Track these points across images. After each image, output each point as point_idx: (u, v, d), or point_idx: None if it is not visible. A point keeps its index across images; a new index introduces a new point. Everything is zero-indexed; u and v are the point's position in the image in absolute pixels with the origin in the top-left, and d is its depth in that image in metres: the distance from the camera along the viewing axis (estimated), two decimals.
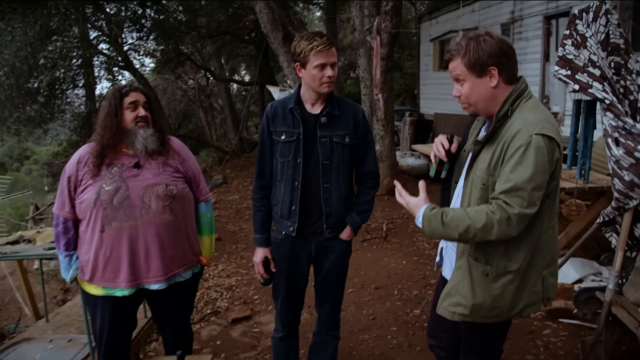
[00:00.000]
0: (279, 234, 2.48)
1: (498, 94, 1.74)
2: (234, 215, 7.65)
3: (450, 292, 1.85)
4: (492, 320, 1.82)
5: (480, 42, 1.70)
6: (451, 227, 1.67)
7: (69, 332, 3.76)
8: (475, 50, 1.70)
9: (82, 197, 2.27)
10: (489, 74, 1.71)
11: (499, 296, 1.75)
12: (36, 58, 10.33)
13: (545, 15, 7.45)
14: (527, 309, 1.79)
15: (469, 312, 1.79)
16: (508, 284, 1.74)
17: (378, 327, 3.71)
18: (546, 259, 1.78)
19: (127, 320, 2.50)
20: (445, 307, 1.87)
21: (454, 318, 1.85)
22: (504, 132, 1.70)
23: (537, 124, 1.64)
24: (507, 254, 1.73)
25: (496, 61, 1.69)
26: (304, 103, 2.37)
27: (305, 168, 2.35)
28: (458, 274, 1.83)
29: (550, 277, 1.81)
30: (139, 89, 2.39)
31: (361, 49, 7.17)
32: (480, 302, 1.76)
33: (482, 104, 1.77)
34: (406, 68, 18.24)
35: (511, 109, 1.72)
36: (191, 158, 2.55)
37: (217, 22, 15.06)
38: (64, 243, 2.37)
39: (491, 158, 1.71)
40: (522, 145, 1.61)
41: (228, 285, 4.79)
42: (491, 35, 1.72)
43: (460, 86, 1.78)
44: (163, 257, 2.33)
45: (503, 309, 1.78)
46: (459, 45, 1.76)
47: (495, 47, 1.69)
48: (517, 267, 1.73)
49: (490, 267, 1.75)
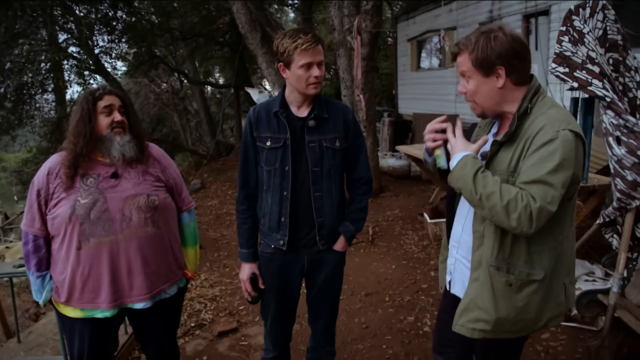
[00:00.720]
0: (268, 248, 2.31)
1: (505, 95, 1.64)
2: (214, 221, 7.44)
3: (467, 306, 1.71)
4: (515, 335, 1.69)
5: (490, 39, 1.59)
6: (479, 183, 1.54)
7: (43, 353, 3.53)
8: (484, 48, 1.59)
9: (55, 212, 2.07)
10: (496, 73, 1.61)
11: (524, 308, 1.62)
12: (2, 62, 9.92)
13: (524, 14, 7.46)
14: (552, 321, 1.68)
15: (491, 327, 1.66)
16: (533, 294, 1.62)
17: (372, 336, 3.58)
18: (567, 267, 1.67)
19: (108, 342, 2.31)
20: (463, 324, 1.72)
21: (473, 335, 1.70)
22: (525, 131, 1.59)
23: (563, 120, 1.54)
24: (530, 260, 1.60)
25: (505, 61, 1.59)
26: (290, 106, 2.20)
27: (294, 176, 2.18)
28: (475, 287, 1.69)
29: (570, 286, 1.70)
30: (114, 92, 2.20)
31: (341, 49, 7.05)
32: (503, 316, 1.63)
33: (488, 104, 1.67)
34: (382, 68, 18.20)
35: (530, 106, 1.61)
36: (172, 166, 2.38)
37: (190, 24, 14.76)
38: (35, 263, 2.16)
39: (511, 158, 1.60)
40: (549, 140, 1.50)
41: (212, 295, 4.59)
42: (504, 32, 1.61)
43: (466, 82, 1.68)
44: (147, 273, 2.15)
45: (528, 322, 1.65)
46: (468, 39, 1.65)
47: (506, 46, 1.58)
48: (542, 276, 1.61)
49: (513, 276, 1.62)
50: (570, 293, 1.70)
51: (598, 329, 3.16)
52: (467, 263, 1.78)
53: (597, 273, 3.91)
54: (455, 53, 1.69)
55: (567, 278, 1.69)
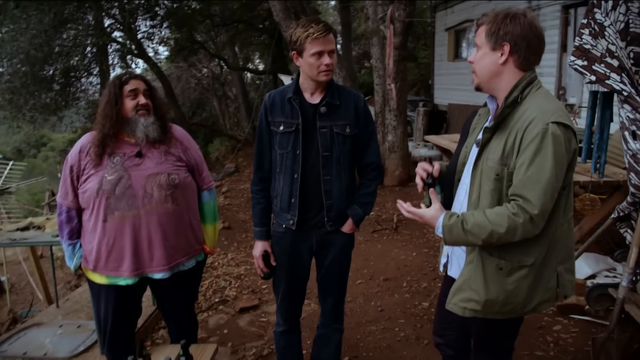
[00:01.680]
0: (279, 227, 2.43)
1: (504, 73, 1.71)
2: (245, 203, 7.65)
3: (461, 287, 1.80)
4: (505, 316, 1.77)
5: (509, 18, 1.67)
6: (473, 234, 1.63)
7: (78, 318, 3.80)
8: (499, 23, 1.68)
9: (85, 186, 2.25)
10: (501, 49, 1.68)
11: (513, 291, 1.71)
12: (51, 46, 10.36)
13: (564, 5, 7.29)
14: (541, 305, 1.74)
15: (481, 307, 1.75)
16: (522, 279, 1.69)
17: (386, 319, 3.68)
18: (561, 254, 1.73)
19: (130, 308, 2.49)
20: (455, 303, 1.82)
21: (464, 314, 1.80)
22: (517, 120, 1.65)
23: (553, 112, 1.60)
24: (521, 248, 1.68)
25: (511, 40, 1.67)
26: (303, 92, 2.30)
27: (305, 160, 2.29)
28: (469, 269, 1.78)
29: (566, 273, 1.75)
30: (139, 76, 2.36)
31: (374, 38, 7.09)
32: (493, 298, 1.72)
33: (485, 76, 1.75)
34: (421, 58, 18.01)
35: (521, 96, 1.68)
36: (194, 146, 2.52)
37: (230, 11, 14.97)
38: (67, 232, 2.36)
39: (504, 147, 1.66)
40: (537, 134, 1.57)
41: (237, 274, 4.79)
42: (525, 17, 1.68)
43: (476, 53, 1.77)
44: (166, 246, 2.31)
45: (517, 305, 1.73)
46: (491, 14, 1.73)
47: (519, 28, 1.66)
48: (532, 262, 1.68)
49: (504, 261, 1.70)
50: (565, 280, 1.75)
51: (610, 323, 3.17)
52: (464, 247, 1.87)
53: (619, 269, 3.88)
54: (479, 24, 1.77)
55: (561, 266, 1.73)
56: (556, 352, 3.09)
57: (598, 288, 3.23)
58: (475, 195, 1.75)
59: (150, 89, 2.36)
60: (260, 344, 3.48)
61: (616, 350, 2.75)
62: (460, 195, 1.91)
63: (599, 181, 3.67)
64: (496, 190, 1.68)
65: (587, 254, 3.86)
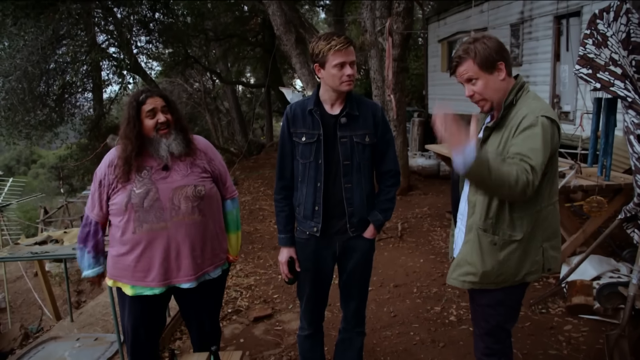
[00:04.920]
0: (303, 234, 2.51)
1: (506, 85, 1.94)
2: (247, 216, 7.70)
3: (459, 263, 2.04)
4: (498, 286, 2.00)
5: (484, 42, 1.90)
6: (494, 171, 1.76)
7: (94, 331, 3.83)
8: (484, 49, 1.89)
9: (114, 199, 2.31)
10: (498, 68, 1.90)
11: (505, 263, 1.94)
12: (47, 62, 10.39)
13: (556, 15, 7.49)
14: (529, 276, 1.98)
15: (479, 279, 1.98)
16: (513, 252, 1.94)
17: (400, 324, 3.76)
18: (547, 232, 1.97)
19: (155, 318, 2.53)
20: (455, 278, 2.06)
21: (464, 286, 2.03)
22: (511, 119, 1.89)
23: (542, 109, 1.84)
24: (511, 224, 1.92)
25: (501, 56, 1.90)
26: (323, 104, 2.39)
27: (327, 169, 2.38)
28: (467, 247, 2.01)
29: (550, 249, 1.99)
30: (156, 92, 2.38)
31: (373, 50, 7.22)
32: (488, 270, 1.96)
33: (497, 96, 1.94)
34: (412, 69, 18.25)
35: (515, 99, 1.91)
36: (218, 157, 2.57)
37: (224, 25, 15.14)
38: (93, 245, 2.43)
39: (500, 141, 1.90)
40: (530, 124, 1.80)
41: (247, 284, 4.84)
42: (488, 37, 1.93)
43: (472, 86, 1.95)
44: (194, 256, 2.36)
45: (508, 275, 1.97)
46: (465, 50, 1.92)
47: (496, 44, 1.91)
48: (520, 237, 1.92)
49: (497, 237, 1.94)
50: (550, 255, 1.99)
51: (620, 322, 3.27)
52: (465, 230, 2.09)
53: (623, 270, 3.99)
54: (456, 65, 1.96)
55: (547, 243, 1.98)
56: (569, 351, 3.18)
57: (608, 287, 3.33)
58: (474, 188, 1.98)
59: (169, 104, 2.39)
60: (278, 351, 3.53)
61: (629, 346, 2.85)
62: (465, 189, 2.10)
63: (602, 185, 3.79)
64: None
65: (591, 256, 3.96)
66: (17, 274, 8.25)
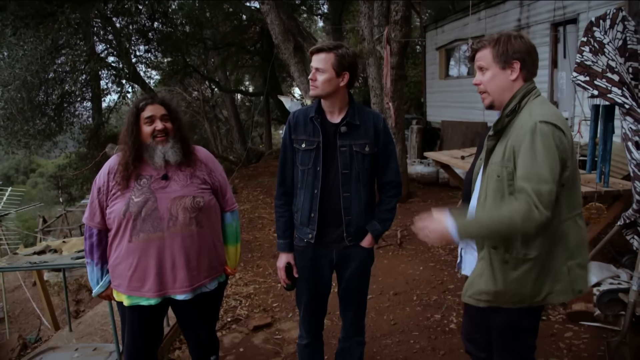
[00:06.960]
0: (301, 242, 2.52)
1: (515, 87, 1.87)
2: (246, 224, 7.69)
3: (472, 281, 1.97)
4: (516, 305, 1.90)
5: (511, 38, 1.85)
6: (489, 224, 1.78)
7: (93, 341, 3.82)
8: (505, 43, 1.85)
9: (112, 207, 2.30)
10: (511, 67, 1.85)
11: (519, 283, 1.84)
12: (46, 72, 10.42)
13: (552, 23, 7.53)
14: (553, 297, 1.86)
15: (493, 298, 1.90)
16: (528, 271, 1.83)
17: (400, 332, 3.74)
18: (569, 249, 1.84)
19: (152, 328, 2.51)
20: (470, 296, 1.98)
21: (479, 304, 1.95)
22: (515, 126, 1.82)
23: (543, 115, 1.76)
24: (525, 241, 1.81)
25: (520, 57, 1.84)
26: (325, 112, 2.41)
27: (325, 176, 2.38)
28: (481, 264, 1.94)
29: (577, 268, 1.86)
30: (157, 100, 2.37)
31: (371, 58, 7.25)
32: (501, 289, 1.87)
33: (498, 94, 1.90)
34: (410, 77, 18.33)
35: (519, 105, 1.85)
36: (218, 169, 2.56)
37: (222, 34, 15.21)
38: (99, 256, 2.40)
39: (504, 151, 1.83)
40: (527, 132, 1.74)
41: (246, 293, 4.83)
42: (522, 37, 1.87)
43: (482, 75, 1.92)
44: (189, 268, 2.34)
45: (525, 296, 1.87)
46: (491, 37, 1.89)
47: (523, 46, 1.85)
48: (535, 255, 1.81)
49: (509, 254, 1.84)
50: (577, 274, 1.85)
51: (620, 329, 3.26)
52: (474, 246, 2.05)
53: (623, 277, 3.99)
54: (476, 49, 1.93)
55: (572, 261, 1.84)
56: (570, 358, 3.17)
57: (608, 294, 3.33)
58: (483, 196, 1.91)
59: (170, 112, 2.38)
60: None
61: (629, 353, 2.84)
62: (474, 200, 2.06)
63: (601, 191, 3.80)
64: (498, 191, 1.83)
65: (591, 263, 3.96)
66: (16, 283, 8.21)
